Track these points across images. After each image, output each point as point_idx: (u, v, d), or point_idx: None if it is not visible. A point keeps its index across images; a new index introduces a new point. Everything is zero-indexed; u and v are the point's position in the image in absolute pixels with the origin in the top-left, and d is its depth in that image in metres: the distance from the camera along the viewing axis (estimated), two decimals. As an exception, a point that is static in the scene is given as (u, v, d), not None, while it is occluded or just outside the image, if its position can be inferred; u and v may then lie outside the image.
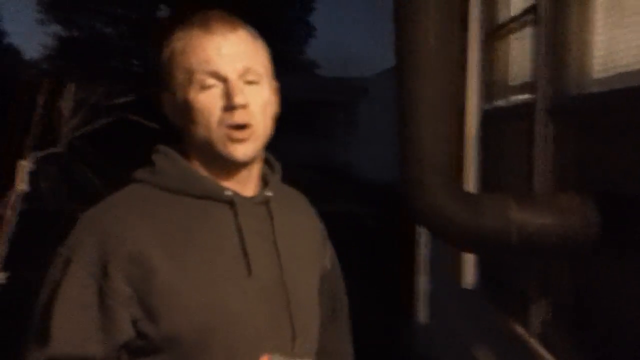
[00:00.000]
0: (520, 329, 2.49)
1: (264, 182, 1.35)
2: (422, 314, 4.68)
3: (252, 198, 1.29)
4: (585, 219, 1.82)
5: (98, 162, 2.03)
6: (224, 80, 1.22)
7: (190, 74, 1.22)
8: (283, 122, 1.37)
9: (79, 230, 1.22)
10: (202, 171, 1.27)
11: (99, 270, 1.16)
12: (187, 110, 1.24)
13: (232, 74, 1.22)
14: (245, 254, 1.23)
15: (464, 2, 3.47)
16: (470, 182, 3.35)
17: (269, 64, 1.31)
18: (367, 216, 11.56)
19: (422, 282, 4.66)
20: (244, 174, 1.29)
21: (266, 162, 1.38)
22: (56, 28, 34.04)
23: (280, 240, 1.29)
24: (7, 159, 1.95)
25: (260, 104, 1.25)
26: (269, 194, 1.32)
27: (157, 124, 2.09)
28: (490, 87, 3.32)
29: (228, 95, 1.21)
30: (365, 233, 10.33)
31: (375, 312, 6.63)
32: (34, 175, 1.98)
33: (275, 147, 1.37)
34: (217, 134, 1.22)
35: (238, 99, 1.20)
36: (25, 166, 1.67)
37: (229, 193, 1.25)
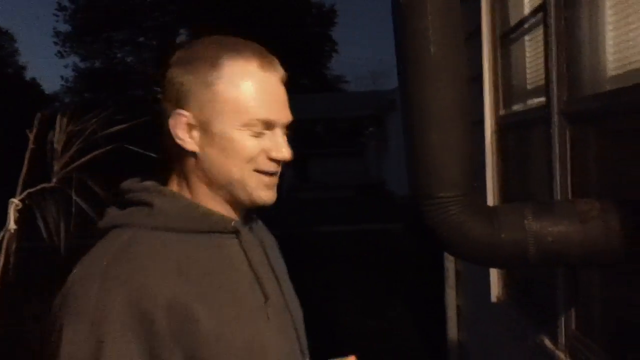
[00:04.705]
0: (548, 342, 2.39)
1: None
2: (452, 328, 4.56)
3: (245, 225, 1.27)
4: (606, 226, 1.71)
5: (96, 194, 1.97)
6: (270, 128, 1.21)
7: (241, 113, 1.18)
8: (314, 142, 1.33)
9: (96, 291, 1.09)
10: (204, 203, 1.22)
11: (141, 332, 1.07)
12: (223, 145, 1.18)
13: (281, 126, 1.22)
14: (259, 281, 1.23)
15: (475, 5, 3.39)
16: (489, 193, 3.26)
17: None
18: (401, 233, 11.48)
19: (451, 297, 4.54)
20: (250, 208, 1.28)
21: None
22: (75, 59, 34.67)
23: (273, 263, 1.31)
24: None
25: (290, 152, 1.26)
26: (253, 217, 1.33)
27: (152, 151, 2.03)
28: (508, 92, 3.23)
29: (277, 147, 1.21)
30: (401, 250, 10.26)
31: (408, 327, 6.54)
32: (30, 213, 1.93)
33: (307, 167, 1.34)
34: (253, 179, 1.20)
35: (289, 154, 1.22)
36: (13, 204, 1.62)
37: (233, 223, 1.22)
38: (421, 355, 5.80)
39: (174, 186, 1.24)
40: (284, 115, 1.22)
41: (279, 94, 1.22)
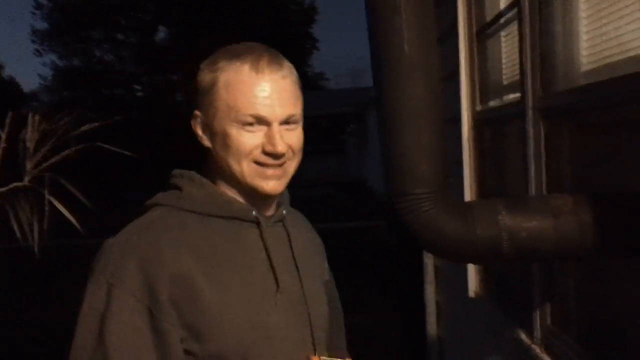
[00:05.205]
0: (525, 337, 2.40)
1: (277, 201, 1.43)
2: (432, 323, 4.58)
3: (271, 217, 1.38)
4: (579, 221, 1.72)
5: (70, 193, 1.95)
6: (266, 124, 1.30)
7: (233, 110, 1.29)
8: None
9: (116, 257, 1.24)
10: (228, 193, 1.35)
11: (145, 294, 1.21)
12: (223, 141, 1.31)
13: (276, 121, 1.30)
14: (273, 269, 1.32)
15: (451, 0, 3.40)
16: (466, 189, 3.27)
17: (302, 102, 1.40)
18: (382, 230, 11.48)
19: (430, 292, 4.56)
20: (267, 199, 1.37)
21: None
22: (53, 57, 34.25)
23: (297, 255, 1.39)
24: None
25: (295, 145, 1.34)
26: (284, 212, 1.41)
27: (128, 150, 2.02)
28: (484, 88, 3.25)
29: (270, 141, 1.29)
30: (382, 247, 10.27)
31: (390, 323, 6.56)
32: (3, 213, 1.92)
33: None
34: (250, 169, 1.31)
35: (280, 148, 1.29)
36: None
37: (254, 213, 1.34)
38: (402, 350, 5.82)
39: (207, 175, 1.37)
40: (279, 111, 1.30)
41: (274, 91, 1.30)
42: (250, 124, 1.29)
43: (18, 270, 8.72)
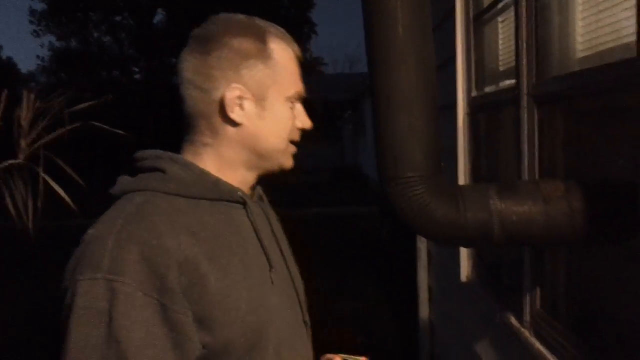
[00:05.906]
0: (514, 321, 2.43)
1: None
2: (424, 308, 4.61)
3: (251, 196, 1.34)
4: (569, 207, 1.74)
5: (64, 172, 1.95)
6: (298, 100, 1.32)
7: (288, 87, 1.28)
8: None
9: (110, 249, 1.11)
10: (219, 172, 1.28)
11: (154, 287, 1.10)
12: (271, 116, 1.27)
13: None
14: (264, 249, 1.29)
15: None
16: (461, 174, 3.28)
17: None
18: (376, 216, 11.50)
19: (423, 277, 4.59)
20: (262, 178, 1.36)
21: None
22: (51, 39, 33.93)
23: (276, 232, 1.38)
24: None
25: None
26: (260, 191, 1.39)
27: (121, 130, 2.02)
28: (480, 74, 3.25)
29: (304, 118, 1.33)
30: (375, 233, 10.30)
31: (382, 308, 6.59)
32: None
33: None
34: (286, 147, 1.30)
35: (311, 124, 1.34)
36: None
37: (240, 193, 1.28)
38: (394, 334, 5.86)
39: (187, 155, 1.28)
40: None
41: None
42: (293, 102, 1.30)
43: (12, 249, 8.72)
